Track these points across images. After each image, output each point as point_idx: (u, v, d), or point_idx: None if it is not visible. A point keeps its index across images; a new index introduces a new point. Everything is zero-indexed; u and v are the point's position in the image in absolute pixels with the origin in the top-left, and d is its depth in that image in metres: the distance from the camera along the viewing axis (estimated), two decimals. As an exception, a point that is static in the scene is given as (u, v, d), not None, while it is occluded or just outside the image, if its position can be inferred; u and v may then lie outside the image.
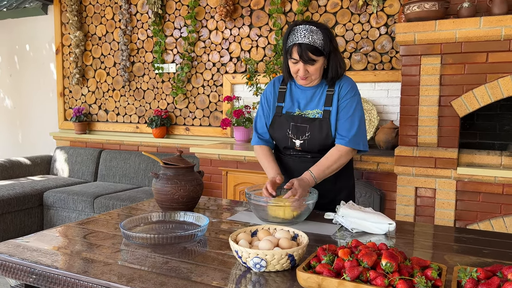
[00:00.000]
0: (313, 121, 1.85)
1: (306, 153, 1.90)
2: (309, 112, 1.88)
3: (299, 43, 1.74)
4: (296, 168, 1.91)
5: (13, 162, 4.52)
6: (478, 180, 2.56)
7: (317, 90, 1.89)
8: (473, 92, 2.57)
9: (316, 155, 1.87)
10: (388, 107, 3.49)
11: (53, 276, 1.19)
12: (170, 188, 1.76)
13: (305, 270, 1.09)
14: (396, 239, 1.51)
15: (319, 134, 1.84)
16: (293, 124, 1.88)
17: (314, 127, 1.85)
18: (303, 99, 1.90)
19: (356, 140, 1.83)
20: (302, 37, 1.74)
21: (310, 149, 1.87)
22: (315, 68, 1.79)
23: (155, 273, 1.18)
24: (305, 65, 1.77)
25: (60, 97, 5.03)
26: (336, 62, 1.82)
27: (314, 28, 1.75)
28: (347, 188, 1.98)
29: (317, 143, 1.85)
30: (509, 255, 1.35)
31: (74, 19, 4.70)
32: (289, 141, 1.90)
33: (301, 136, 1.87)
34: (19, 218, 3.79)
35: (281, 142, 1.94)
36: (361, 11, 3.52)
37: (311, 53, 1.74)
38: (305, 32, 1.74)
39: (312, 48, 1.74)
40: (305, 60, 1.75)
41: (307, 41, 1.73)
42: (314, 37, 1.74)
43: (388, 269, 1.02)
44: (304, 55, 1.74)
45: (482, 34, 2.48)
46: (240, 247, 1.19)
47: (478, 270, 1.00)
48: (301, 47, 1.73)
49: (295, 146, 1.90)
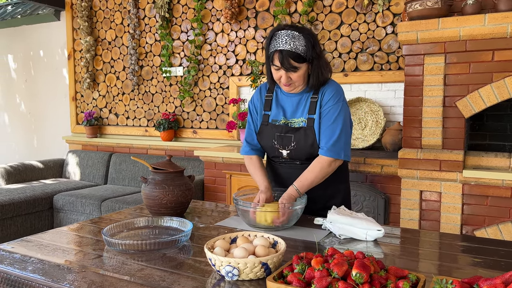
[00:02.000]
0: (298, 130, 1.79)
1: (295, 160, 1.86)
2: (294, 120, 1.83)
3: (280, 49, 1.66)
4: (286, 174, 1.88)
5: (26, 165, 4.61)
6: (485, 183, 2.47)
7: (302, 97, 1.82)
8: (479, 92, 2.47)
9: (304, 162, 1.83)
10: (395, 108, 3.41)
11: (24, 282, 1.19)
12: (158, 193, 1.75)
13: (275, 279, 1.06)
14: (391, 246, 1.46)
15: (304, 143, 1.79)
16: (278, 134, 1.83)
17: (300, 136, 1.79)
18: (289, 107, 1.84)
19: (335, 149, 1.73)
20: (284, 43, 1.66)
21: (297, 157, 1.84)
22: (297, 75, 1.71)
23: (126, 280, 1.16)
24: (287, 72, 1.70)
25: (72, 102, 5.11)
26: (318, 69, 1.73)
27: (296, 34, 1.67)
28: (340, 192, 1.92)
29: (303, 152, 1.81)
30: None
31: (84, 24, 4.77)
32: (276, 151, 1.87)
33: (287, 146, 1.82)
34: (29, 221, 3.86)
35: (269, 152, 1.91)
36: (366, 10, 3.45)
37: (292, 60, 1.66)
38: (286, 38, 1.66)
39: (293, 55, 1.66)
40: (286, 68, 1.68)
41: (289, 47, 1.65)
42: (296, 43, 1.66)
43: (358, 279, 0.98)
44: (286, 63, 1.66)
45: (487, 32, 2.39)
46: (213, 255, 1.16)
47: (454, 282, 0.95)
48: (282, 54, 1.66)
49: (282, 156, 1.86)
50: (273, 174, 1.94)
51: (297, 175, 1.78)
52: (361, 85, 3.51)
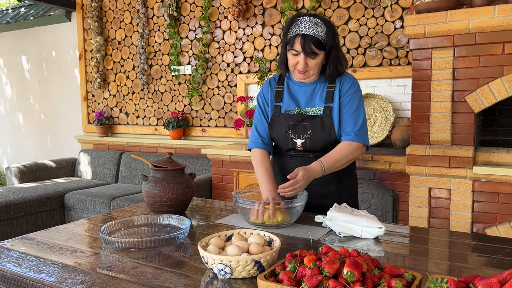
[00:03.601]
0: (314, 118, 1.77)
1: (308, 152, 1.81)
2: (309, 110, 1.80)
3: (303, 33, 1.66)
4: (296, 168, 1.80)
5: (39, 165, 4.67)
6: (496, 180, 2.40)
7: (317, 86, 1.81)
8: (489, 86, 2.40)
9: (318, 154, 1.78)
10: (405, 103, 3.34)
11: (17, 279, 1.19)
12: (158, 190, 1.74)
13: (266, 278, 1.04)
14: (394, 245, 1.42)
15: (321, 131, 1.76)
16: (292, 123, 1.80)
17: (316, 124, 1.77)
18: (303, 97, 1.82)
19: (362, 135, 1.76)
20: (307, 28, 1.66)
21: (312, 148, 1.79)
22: (315, 62, 1.71)
23: (118, 278, 1.15)
24: (306, 57, 1.70)
25: (83, 101, 5.17)
26: (336, 59, 1.74)
27: (318, 21, 1.69)
28: (351, 188, 1.90)
29: (319, 141, 1.77)
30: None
31: (94, 24, 4.81)
32: (290, 142, 1.81)
33: (302, 135, 1.79)
34: (41, 219, 3.91)
35: (282, 143, 1.85)
36: (375, 5, 3.39)
37: (314, 46, 1.67)
38: (309, 23, 1.67)
39: (315, 40, 1.66)
40: (307, 53, 1.68)
41: (311, 32, 1.66)
42: (319, 29, 1.67)
43: (349, 278, 0.95)
44: (307, 47, 1.66)
45: (497, 24, 2.32)
46: (206, 252, 1.15)
47: (449, 281, 0.91)
48: (305, 39, 1.66)
49: (296, 146, 1.81)
50: (281, 169, 1.88)
51: None
52: (370, 81, 3.45)
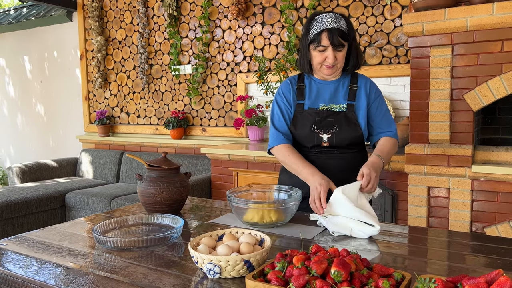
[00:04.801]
0: (339, 114, 1.80)
1: (333, 149, 1.81)
2: (333, 106, 1.83)
3: (329, 28, 1.70)
4: (323, 166, 1.77)
5: (40, 164, 4.69)
6: (495, 179, 2.38)
7: (339, 84, 1.85)
8: (488, 84, 2.38)
9: (344, 151, 1.81)
10: (405, 102, 3.33)
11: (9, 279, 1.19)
12: (152, 190, 1.74)
13: (255, 277, 1.03)
14: (391, 244, 1.41)
15: (347, 126, 1.79)
16: (318, 118, 1.80)
17: (341, 120, 1.79)
18: (328, 94, 1.84)
19: (397, 133, 1.88)
20: (330, 23, 1.71)
21: (338, 143, 1.80)
22: (342, 54, 1.76)
23: (108, 278, 1.15)
24: (334, 51, 1.73)
25: (85, 101, 5.18)
26: (356, 51, 1.81)
27: (338, 15, 1.75)
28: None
29: (345, 136, 1.79)
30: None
31: (95, 24, 4.82)
32: (316, 137, 1.81)
33: (328, 130, 1.80)
34: (42, 219, 3.93)
35: (306, 140, 1.83)
36: (374, 3, 3.38)
37: (340, 38, 1.71)
38: (331, 18, 1.72)
39: (341, 32, 1.72)
40: (335, 45, 1.71)
41: (336, 25, 1.71)
42: (340, 22, 1.73)
43: (336, 277, 0.94)
44: (335, 40, 1.70)
45: (496, 21, 2.30)
46: (196, 252, 1.14)
47: (437, 281, 0.91)
48: (332, 32, 1.70)
49: (322, 142, 1.81)
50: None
51: (336, 166, 1.79)
52: (369, 80, 3.43)
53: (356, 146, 1.85)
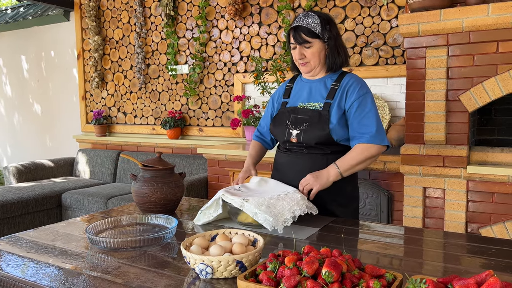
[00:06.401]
0: (313, 112, 1.82)
1: (302, 147, 1.84)
2: (311, 104, 1.85)
3: (294, 26, 1.79)
4: (291, 164, 1.86)
5: (37, 164, 4.68)
6: (491, 180, 2.39)
7: (321, 83, 1.86)
8: (483, 85, 2.39)
9: (313, 151, 1.82)
10: (401, 103, 3.33)
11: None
12: (147, 190, 1.74)
13: (247, 278, 1.03)
14: (388, 246, 1.41)
15: (316, 125, 1.79)
16: (294, 115, 1.86)
17: (313, 118, 1.81)
18: (306, 92, 1.88)
19: (380, 136, 1.76)
20: (297, 21, 1.79)
21: (306, 140, 1.81)
22: (311, 51, 1.79)
23: (100, 278, 1.15)
24: (300, 47, 1.79)
25: (82, 101, 5.17)
26: (334, 50, 1.81)
27: (310, 13, 1.80)
28: (350, 184, 1.88)
29: (313, 135, 1.79)
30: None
31: (92, 24, 4.81)
32: (287, 133, 1.86)
33: (298, 126, 1.83)
34: (38, 219, 3.92)
35: (279, 135, 1.92)
36: (371, 3, 3.38)
37: (304, 35, 1.76)
38: (300, 17, 1.79)
39: (305, 29, 1.76)
40: (299, 42, 1.78)
41: (301, 23, 1.77)
42: (309, 20, 1.77)
43: (328, 278, 0.94)
44: (298, 37, 1.77)
45: (491, 22, 2.30)
46: (188, 252, 1.14)
47: (428, 281, 0.91)
48: (295, 30, 1.78)
49: (291, 138, 1.85)
50: (277, 163, 1.96)
51: (305, 165, 1.81)
52: (366, 80, 3.40)
53: (327, 147, 1.80)
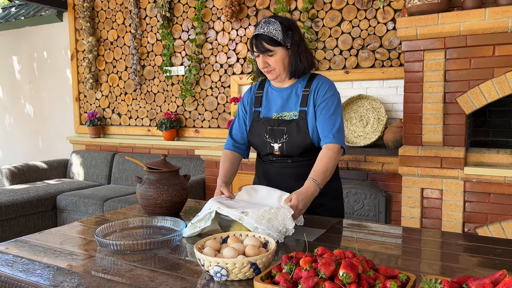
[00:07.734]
0: (290, 122, 1.79)
1: (286, 157, 1.82)
2: (285, 114, 1.82)
3: (255, 34, 1.74)
4: (277, 174, 1.84)
5: (30, 166, 4.63)
6: (487, 181, 2.43)
7: (293, 91, 1.82)
8: (480, 88, 2.44)
9: (296, 159, 1.80)
10: (397, 105, 3.37)
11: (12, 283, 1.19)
12: (152, 192, 1.74)
13: (263, 279, 1.05)
14: (388, 246, 1.44)
15: (296, 135, 1.77)
16: (270, 128, 1.82)
17: (292, 129, 1.78)
18: (279, 101, 1.84)
19: (340, 137, 1.74)
20: (258, 29, 1.74)
21: (289, 152, 1.80)
22: (274, 59, 1.73)
23: (114, 281, 1.15)
24: (263, 56, 1.74)
25: (75, 102, 5.13)
26: (296, 55, 1.75)
27: (272, 20, 1.74)
28: (332, 190, 1.87)
29: (295, 146, 1.78)
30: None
31: (86, 25, 4.78)
32: (268, 146, 1.83)
33: (279, 139, 1.80)
34: (33, 221, 3.88)
35: (260, 149, 1.87)
36: (367, 6, 3.42)
37: (265, 43, 1.71)
38: (262, 24, 1.74)
39: (266, 37, 1.71)
40: (261, 51, 1.72)
41: (262, 31, 1.72)
42: (270, 27, 1.72)
43: (345, 279, 0.96)
44: (260, 46, 1.72)
45: (488, 26, 2.35)
46: (202, 255, 1.15)
47: (443, 281, 0.93)
48: (256, 38, 1.73)
49: (274, 151, 1.82)
50: (264, 173, 1.90)
51: (289, 174, 1.77)
52: (362, 82, 3.48)
53: (311, 153, 1.79)
